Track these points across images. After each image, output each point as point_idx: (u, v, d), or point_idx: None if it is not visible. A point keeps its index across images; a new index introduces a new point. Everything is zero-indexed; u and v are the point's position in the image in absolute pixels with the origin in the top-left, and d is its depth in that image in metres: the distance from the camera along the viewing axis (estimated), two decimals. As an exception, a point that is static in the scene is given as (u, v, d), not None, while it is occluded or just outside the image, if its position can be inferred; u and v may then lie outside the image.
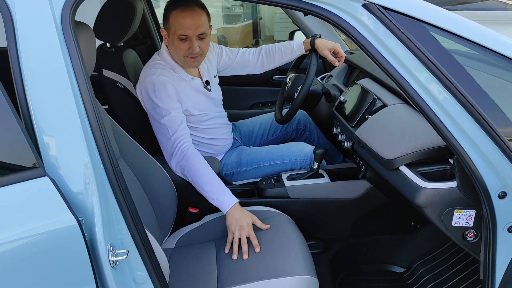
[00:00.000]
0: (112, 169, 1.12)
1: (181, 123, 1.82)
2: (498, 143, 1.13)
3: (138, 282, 1.18)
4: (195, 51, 1.81)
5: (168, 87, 1.81)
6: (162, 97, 1.79)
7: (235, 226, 1.59)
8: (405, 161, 1.43)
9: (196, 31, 1.79)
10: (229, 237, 1.60)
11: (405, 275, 1.94)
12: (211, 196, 1.69)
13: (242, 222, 1.60)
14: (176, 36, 1.79)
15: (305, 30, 2.69)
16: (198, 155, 1.78)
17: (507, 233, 1.21)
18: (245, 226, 1.59)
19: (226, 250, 1.58)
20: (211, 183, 1.71)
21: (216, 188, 1.70)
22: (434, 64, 1.12)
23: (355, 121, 1.78)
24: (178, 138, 1.79)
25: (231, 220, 1.61)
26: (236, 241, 1.57)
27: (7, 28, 1.04)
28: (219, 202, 1.67)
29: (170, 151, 1.81)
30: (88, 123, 1.08)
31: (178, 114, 1.82)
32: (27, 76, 1.05)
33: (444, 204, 1.31)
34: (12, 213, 1.00)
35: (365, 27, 1.14)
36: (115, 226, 1.13)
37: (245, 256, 1.53)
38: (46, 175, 1.02)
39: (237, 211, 1.63)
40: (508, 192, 1.18)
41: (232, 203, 1.65)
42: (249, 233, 1.59)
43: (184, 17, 1.76)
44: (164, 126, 1.80)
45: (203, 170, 1.74)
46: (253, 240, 1.58)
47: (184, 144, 1.79)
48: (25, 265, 1.00)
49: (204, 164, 1.76)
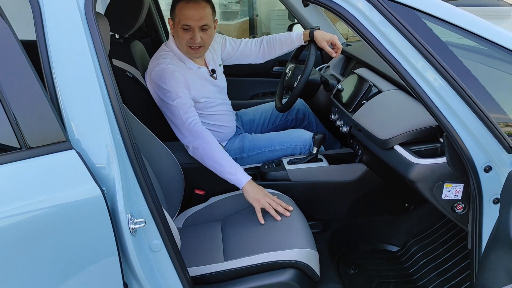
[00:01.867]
0: (131, 145, 1.21)
1: (190, 106, 1.90)
2: (484, 120, 1.23)
3: (154, 250, 1.28)
4: (197, 41, 1.90)
5: (176, 75, 1.90)
6: (172, 83, 1.88)
7: (258, 194, 1.69)
8: (399, 140, 1.54)
9: (199, 22, 1.88)
10: (256, 207, 1.68)
11: (399, 253, 2.05)
12: (228, 170, 1.77)
13: (262, 191, 1.71)
14: (180, 25, 1.89)
15: (303, 22, 2.79)
16: (211, 135, 1.86)
17: (492, 204, 1.32)
18: (265, 193, 1.70)
19: (262, 221, 1.65)
20: (226, 160, 1.80)
21: (231, 164, 1.79)
22: (426, 49, 1.23)
23: (352, 107, 1.89)
24: (190, 118, 1.87)
25: (251, 192, 1.71)
26: (269, 207, 1.66)
27: (35, 14, 1.13)
28: (236, 176, 1.75)
29: (183, 130, 1.88)
30: (109, 102, 1.17)
31: (187, 98, 1.91)
32: (54, 59, 1.13)
33: (434, 179, 1.41)
34: (42, 182, 1.08)
35: (362, 14, 1.25)
36: (133, 197, 1.23)
37: (278, 218, 1.65)
38: (73, 149, 1.12)
39: (254, 185, 1.74)
40: (493, 166, 1.29)
41: (248, 178, 1.75)
42: (274, 198, 1.69)
43: (188, 8, 1.86)
44: (176, 107, 1.87)
45: (218, 149, 1.82)
46: (279, 205, 1.67)
47: (196, 124, 1.86)
48: (54, 230, 1.09)
49: (217, 143, 1.85)
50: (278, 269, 1.51)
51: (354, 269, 1.96)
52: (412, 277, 1.91)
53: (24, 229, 1.05)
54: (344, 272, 1.93)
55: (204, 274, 1.51)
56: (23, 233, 1.05)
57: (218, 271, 1.51)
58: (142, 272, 1.23)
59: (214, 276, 1.51)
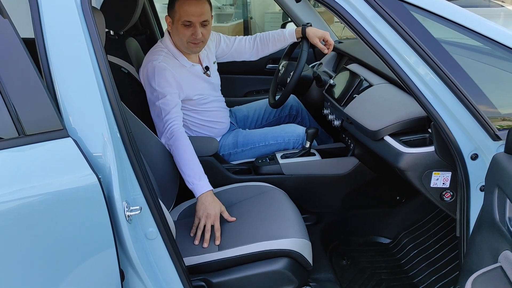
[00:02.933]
0: (127, 134, 1.24)
1: (174, 106, 1.89)
2: (470, 108, 1.27)
3: (149, 238, 1.30)
4: (198, 37, 1.93)
5: (166, 74, 1.92)
6: (160, 81, 1.90)
7: (203, 212, 1.63)
8: (388, 131, 1.58)
9: (200, 18, 1.91)
10: (195, 221, 1.64)
11: (391, 245, 2.09)
12: (187, 179, 1.73)
13: (210, 210, 1.63)
14: (180, 22, 1.91)
15: (295, 20, 2.83)
16: (185, 138, 1.82)
17: (479, 192, 1.35)
18: (212, 215, 1.62)
19: (191, 234, 1.62)
20: (190, 167, 1.75)
21: (194, 172, 1.73)
22: (415, 41, 1.27)
23: (344, 101, 1.92)
24: (170, 120, 1.86)
25: (200, 205, 1.65)
26: (200, 227, 1.61)
27: (31, 3, 1.15)
28: (193, 186, 1.70)
29: (162, 131, 1.89)
30: (105, 92, 1.20)
31: (173, 98, 1.91)
32: (51, 48, 1.16)
33: (423, 167, 1.45)
34: (39, 168, 1.10)
35: (354, 8, 1.28)
36: (129, 186, 1.25)
37: (205, 244, 1.57)
38: (70, 137, 1.14)
39: (208, 198, 1.66)
40: (480, 154, 1.33)
41: (206, 189, 1.68)
42: (214, 222, 1.62)
43: (189, 5, 1.89)
44: (159, 108, 1.89)
45: (186, 153, 1.78)
46: (216, 231, 1.60)
47: (174, 126, 1.85)
48: (51, 216, 1.11)
49: (187, 148, 1.80)
50: (272, 258, 1.53)
51: (346, 261, 1.99)
52: (404, 267, 1.94)
53: (21, 214, 1.07)
54: (336, 264, 1.96)
55: (199, 264, 1.54)
56: (20, 218, 1.07)
57: (213, 260, 1.54)
58: (138, 259, 1.25)
59: (208, 265, 1.54)
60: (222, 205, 1.68)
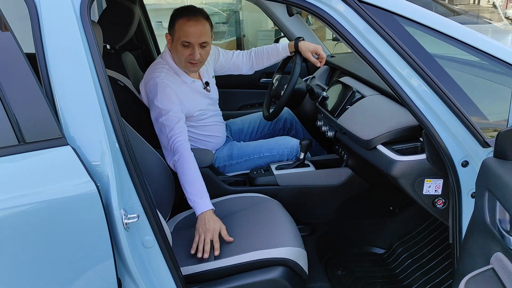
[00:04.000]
0: (124, 143, 1.26)
1: (178, 122, 1.91)
2: (460, 117, 1.30)
3: (147, 246, 1.32)
4: (196, 58, 1.95)
5: (168, 91, 1.93)
6: (163, 98, 1.91)
7: (202, 228, 1.64)
8: (381, 140, 1.61)
9: (199, 39, 1.93)
10: (195, 237, 1.64)
11: (385, 255, 2.11)
12: (189, 197, 1.74)
13: (209, 226, 1.64)
14: (179, 42, 1.93)
15: (288, 35, 2.89)
16: (189, 155, 1.83)
17: (470, 198, 1.38)
18: (211, 230, 1.63)
19: (192, 251, 1.62)
20: (193, 185, 1.75)
21: (196, 190, 1.74)
22: (407, 53, 1.31)
23: (337, 112, 1.96)
24: (174, 136, 1.88)
25: (200, 222, 1.66)
26: (201, 241, 1.62)
27: (31, 13, 1.17)
28: (195, 204, 1.71)
29: (167, 147, 1.91)
30: (104, 101, 1.22)
31: (176, 114, 1.92)
32: (51, 59, 1.18)
33: (415, 174, 1.48)
34: (39, 176, 1.12)
35: (345, 19, 1.33)
36: (126, 194, 1.27)
37: (206, 255, 1.59)
38: (68, 145, 1.16)
39: (208, 216, 1.67)
40: (470, 161, 1.36)
41: (207, 208, 1.70)
42: (213, 237, 1.62)
43: (189, 26, 1.90)
44: (163, 125, 1.90)
45: (189, 170, 1.79)
46: (215, 243, 1.61)
47: (178, 142, 1.87)
48: (50, 223, 1.12)
49: (192, 165, 1.81)
50: (268, 266, 1.54)
51: (341, 271, 2.00)
52: (398, 277, 1.96)
53: (21, 221, 1.09)
54: (332, 274, 1.97)
55: (195, 273, 1.54)
56: (20, 225, 1.09)
57: (209, 269, 1.54)
58: (135, 267, 1.26)
59: (205, 274, 1.54)
60: (222, 223, 1.68)
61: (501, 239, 1.06)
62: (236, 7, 8.24)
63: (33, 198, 1.10)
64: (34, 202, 1.10)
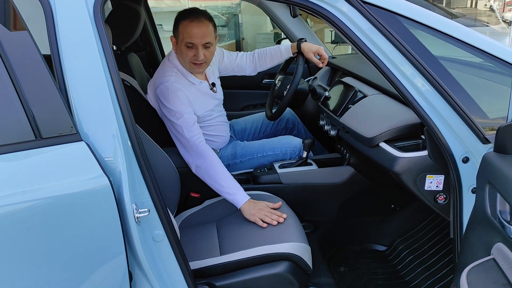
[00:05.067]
0: (136, 139, 1.29)
1: (194, 124, 1.97)
2: (461, 114, 1.35)
3: (156, 240, 1.35)
4: (200, 58, 1.98)
5: (179, 94, 1.97)
6: (176, 102, 1.95)
7: (255, 211, 1.74)
8: (383, 138, 1.65)
9: (202, 40, 1.96)
10: (258, 223, 1.72)
11: (387, 252, 2.14)
12: (228, 190, 1.81)
13: (260, 206, 1.76)
14: (183, 43, 1.97)
15: (290, 37, 2.93)
16: (214, 154, 1.90)
17: (471, 194, 1.42)
18: (263, 207, 1.75)
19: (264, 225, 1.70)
20: (227, 180, 1.84)
21: (231, 184, 1.83)
22: (410, 53, 1.35)
23: (340, 111, 2.00)
24: (193, 137, 1.93)
25: (248, 211, 1.75)
26: (264, 218, 1.71)
27: (46, 12, 1.21)
28: (234, 197, 1.80)
29: (187, 148, 1.94)
30: (116, 98, 1.26)
31: (191, 116, 1.97)
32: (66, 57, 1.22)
33: (417, 171, 1.52)
34: (55, 170, 1.16)
35: (349, 19, 1.37)
36: (137, 189, 1.30)
37: (281, 219, 1.71)
38: (82, 141, 1.20)
39: (251, 203, 1.77)
40: (470, 157, 1.40)
41: (247, 198, 1.79)
42: (270, 209, 1.75)
43: (192, 27, 1.94)
44: (180, 126, 1.94)
45: (220, 168, 1.87)
46: (275, 212, 1.74)
47: (200, 143, 1.92)
48: (65, 216, 1.16)
49: (219, 162, 1.89)
50: (273, 261, 1.58)
51: (344, 267, 2.04)
52: (400, 273, 1.99)
53: (37, 214, 1.12)
54: (334, 270, 2.01)
55: (202, 267, 1.58)
56: (36, 217, 1.12)
57: (216, 264, 1.58)
58: (146, 261, 1.29)
59: (211, 269, 1.58)
60: (265, 201, 1.79)
61: (501, 230, 1.10)
62: (236, 10, 8.28)
63: (48, 192, 1.13)
64: (50, 196, 1.13)
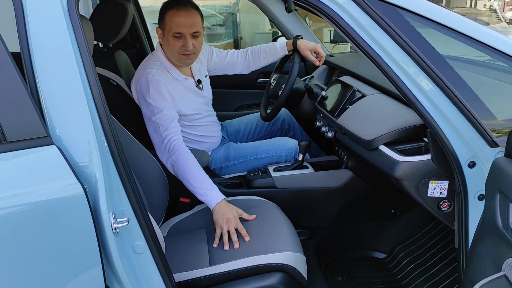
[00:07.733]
0: (114, 143, 1.19)
1: (172, 121, 1.87)
2: (467, 115, 1.25)
3: (137, 252, 1.25)
4: (189, 48, 1.89)
5: (161, 88, 1.88)
6: (155, 96, 1.86)
7: (222, 219, 1.62)
8: (383, 140, 1.55)
9: (190, 29, 1.88)
10: (217, 231, 1.62)
11: (386, 260, 2.04)
12: (199, 191, 1.72)
13: (229, 215, 1.63)
14: (171, 34, 1.88)
15: (286, 34, 2.83)
16: (188, 152, 1.82)
17: (477, 201, 1.33)
18: (232, 219, 1.62)
19: (215, 245, 1.59)
20: (199, 179, 1.74)
21: (204, 184, 1.73)
22: (412, 48, 1.25)
23: (337, 112, 1.90)
24: (169, 135, 1.84)
25: (217, 214, 1.64)
26: (225, 232, 1.60)
27: (16, 8, 1.11)
28: (207, 197, 1.70)
29: (161, 147, 1.86)
30: (92, 99, 1.16)
31: (170, 112, 1.88)
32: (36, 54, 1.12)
33: (420, 176, 1.42)
34: (21, 177, 1.06)
35: (347, 13, 1.27)
36: (116, 197, 1.20)
37: (236, 245, 1.56)
38: (54, 144, 1.09)
39: (223, 206, 1.66)
40: (477, 161, 1.30)
41: (219, 199, 1.68)
42: (237, 224, 1.61)
43: (179, 16, 1.86)
44: (156, 124, 1.85)
45: (193, 167, 1.77)
46: (241, 230, 1.60)
47: (174, 141, 1.83)
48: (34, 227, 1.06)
49: (193, 161, 1.79)
50: (265, 272, 1.48)
51: (342, 276, 1.94)
52: (400, 282, 1.89)
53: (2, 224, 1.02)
54: (331, 279, 1.91)
55: (190, 279, 1.48)
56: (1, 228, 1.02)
57: (204, 275, 1.48)
58: (125, 274, 1.19)
59: (199, 281, 1.48)
60: (238, 208, 1.68)
61: (514, 244, 1.00)
62: (233, 9, 8.24)
63: (15, 201, 1.04)
64: (16, 204, 1.04)
